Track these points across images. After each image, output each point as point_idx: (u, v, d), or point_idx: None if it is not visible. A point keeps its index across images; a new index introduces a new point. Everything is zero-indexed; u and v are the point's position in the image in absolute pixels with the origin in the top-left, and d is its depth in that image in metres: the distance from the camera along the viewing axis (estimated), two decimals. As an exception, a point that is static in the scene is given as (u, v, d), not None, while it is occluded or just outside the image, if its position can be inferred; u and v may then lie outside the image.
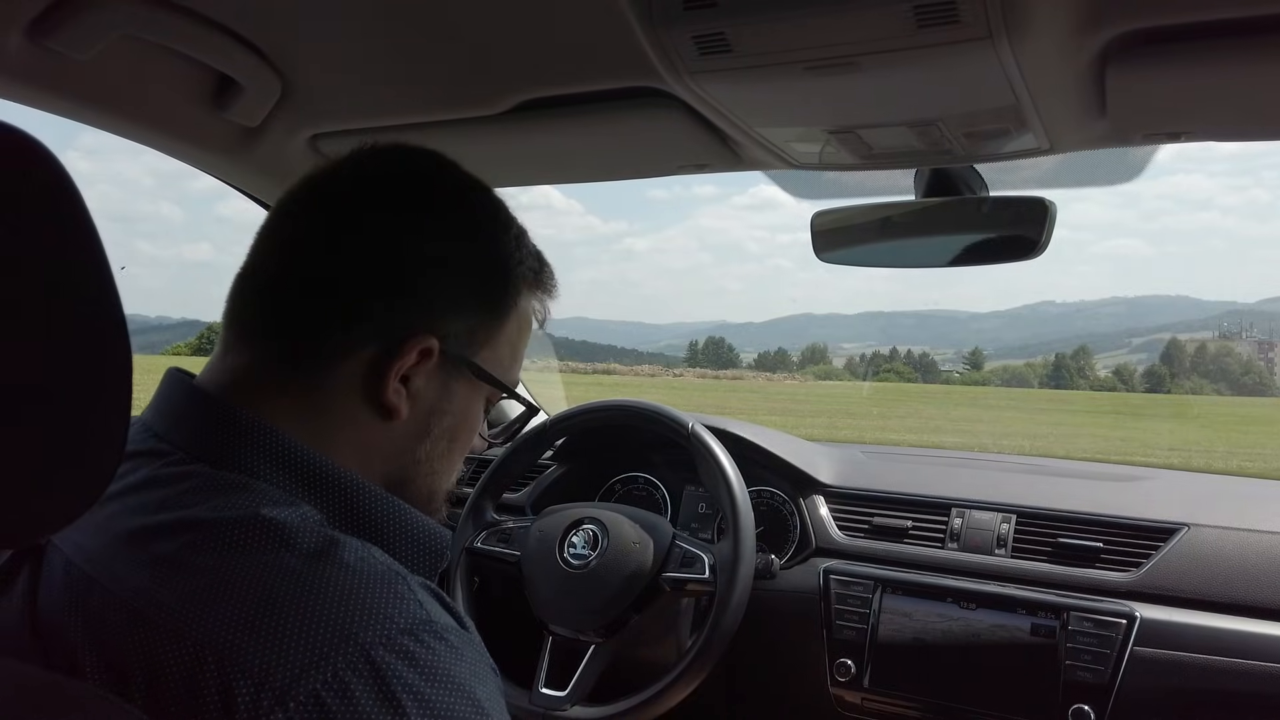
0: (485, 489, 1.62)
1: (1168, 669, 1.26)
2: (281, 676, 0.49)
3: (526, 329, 0.76)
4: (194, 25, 0.95)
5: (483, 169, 0.75)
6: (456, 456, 0.74)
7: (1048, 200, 1.16)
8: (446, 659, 0.54)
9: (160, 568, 0.55)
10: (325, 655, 0.50)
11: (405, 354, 0.65)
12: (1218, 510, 1.41)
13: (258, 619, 0.51)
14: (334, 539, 0.58)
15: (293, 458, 0.63)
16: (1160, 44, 0.85)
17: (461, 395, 0.71)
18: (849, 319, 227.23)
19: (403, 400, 0.66)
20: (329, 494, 0.63)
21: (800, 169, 1.22)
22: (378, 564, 0.57)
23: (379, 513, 0.66)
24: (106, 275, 0.48)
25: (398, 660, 0.51)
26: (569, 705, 1.40)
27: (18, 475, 0.45)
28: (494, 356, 0.72)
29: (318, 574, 0.54)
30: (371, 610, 0.53)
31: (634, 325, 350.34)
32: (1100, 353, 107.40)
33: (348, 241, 0.66)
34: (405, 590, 0.56)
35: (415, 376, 0.67)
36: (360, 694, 0.49)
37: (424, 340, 0.66)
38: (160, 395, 0.68)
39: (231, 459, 0.62)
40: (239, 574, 0.54)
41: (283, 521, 0.57)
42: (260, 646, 0.50)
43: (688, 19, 0.82)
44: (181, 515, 0.58)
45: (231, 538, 0.56)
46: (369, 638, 0.52)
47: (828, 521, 1.58)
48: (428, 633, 0.54)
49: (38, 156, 0.46)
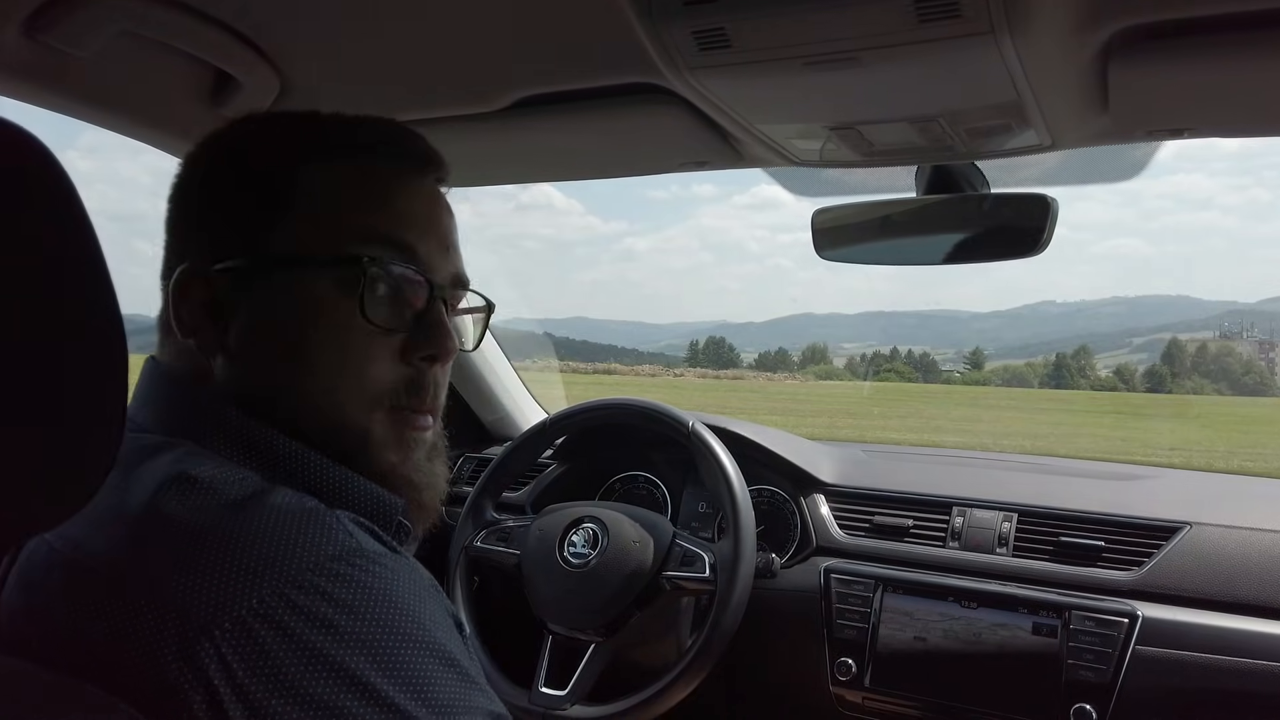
0: (485, 488, 1.62)
1: (1170, 668, 1.25)
2: (206, 607, 0.49)
3: (353, 194, 0.68)
4: (191, 22, 0.95)
5: (482, 166, 0.75)
6: (321, 359, 0.65)
7: (1049, 197, 1.16)
8: (379, 579, 0.54)
9: (98, 523, 0.56)
10: (252, 583, 0.50)
11: (176, 292, 0.67)
12: (1220, 509, 1.41)
13: (183, 554, 0.52)
14: (267, 486, 0.58)
15: (225, 425, 0.64)
16: (1162, 39, 0.85)
17: (278, 295, 0.66)
18: (850, 319, 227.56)
19: (204, 330, 0.66)
20: (260, 457, 0.63)
21: (801, 166, 1.21)
22: (308, 504, 0.57)
23: (320, 479, 0.64)
24: (103, 273, 0.47)
25: (329, 582, 0.52)
26: (569, 705, 1.40)
27: (11, 474, 0.45)
28: (292, 237, 0.66)
29: (246, 512, 0.55)
30: (299, 540, 0.53)
31: (634, 325, 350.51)
32: (1101, 352, 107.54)
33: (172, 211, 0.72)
34: (333, 521, 0.56)
35: (222, 304, 0.67)
36: (289, 618, 0.50)
37: (182, 269, 0.67)
38: (138, 384, 0.70)
39: (175, 426, 0.64)
40: (162, 517, 0.55)
41: (215, 474, 0.58)
42: (185, 579, 0.51)
43: (687, 14, 0.81)
44: (124, 475, 0.59)
45: (166, 487, 0.57)
46: (298, 563, 0.52)
47: (828, 520, 1.58)
48: (359, 556, 0.54)
49: (33, 152, 0.45)
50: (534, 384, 2.09)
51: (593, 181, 1.44)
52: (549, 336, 5.27)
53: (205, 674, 0.48)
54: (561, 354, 24.04)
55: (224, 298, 0.66)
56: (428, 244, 0.70)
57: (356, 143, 0.71)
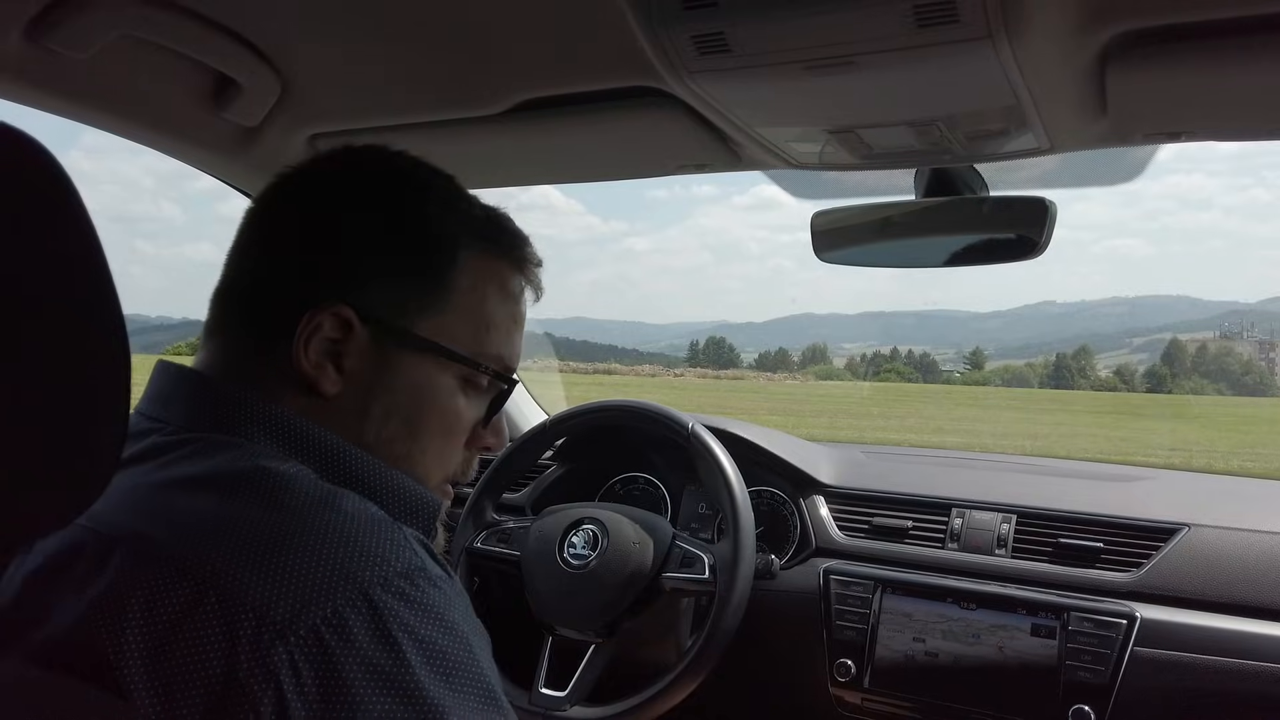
0: (485, 489, 1.62)
1: (1168, 669, 1.25)
2: (283, 611, 0.50)
3: (496, 298, 0.73)
4: (193, 25, 0.95)
5: (482, 169, 0.76)
6: (427, 442, 0.70)
7: (1048, 200, 1.16)
8: (441, 602, 0.55)
9: (161, 515, 0.57)
10: (325, 592, 0.51)
11: (312, 322, 0.65)
12: (1218, 510, 1.41)
13: (260, 556, 0.53)
14: (334, 490, 0.60)
15: (280, 424, 0.65)
16: (1160, 43, 0.85)
17: (408, 370, 0.68)
18: (850, 319, 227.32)
19: (325, 374, 0.66)
20: (319, 456, 0.65)
21: (800, 169, 1.22)
22: (376, 513, 0.59)
23: (368, 472, 0.66)
24: (104, 274, 0.48)
25: (395, 600, 0.53)
26: (569, 705, 1.40)
27: (14, 476, 0.45)
28: (444, 326, 0.69)
29: (318, 516, 0.56)
30: (370, 552, 0.55)
31: (634, 325, 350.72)
32: (1101, 353, 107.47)
33: (279, 229, 0.71)
34: (401, 538, 0.57)
35: (347, 353, 0.67)
36: (358, 630, 0.51)
37: (333, 308, 0.66)
38: (150, 384, 0.70)
39: (224, 427, 0.64)
40: (242, 515, 0.56)
41: (283, 471, 0.60)
42: (262, 582, 0.51)
43: (687, 19, 0.81)
44: (184, 470, 0.60)
45: (234, 485, 0.58)
46: (368, 577, 0.53)
47: (828, 522, 1.58)
48: (423, 578, 0.56)
49: (35, 155, 0.46)
50: (534, 385, 2.09)
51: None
52: (549, 337, 5.26)
53: (276, 677, 0.49)
54: (561, 354, 24.03)
55: (353, 349, 0.67)
56: (519, 354, 0.77)
57: (500, 239, 0.74)
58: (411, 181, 0.73)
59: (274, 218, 0.72)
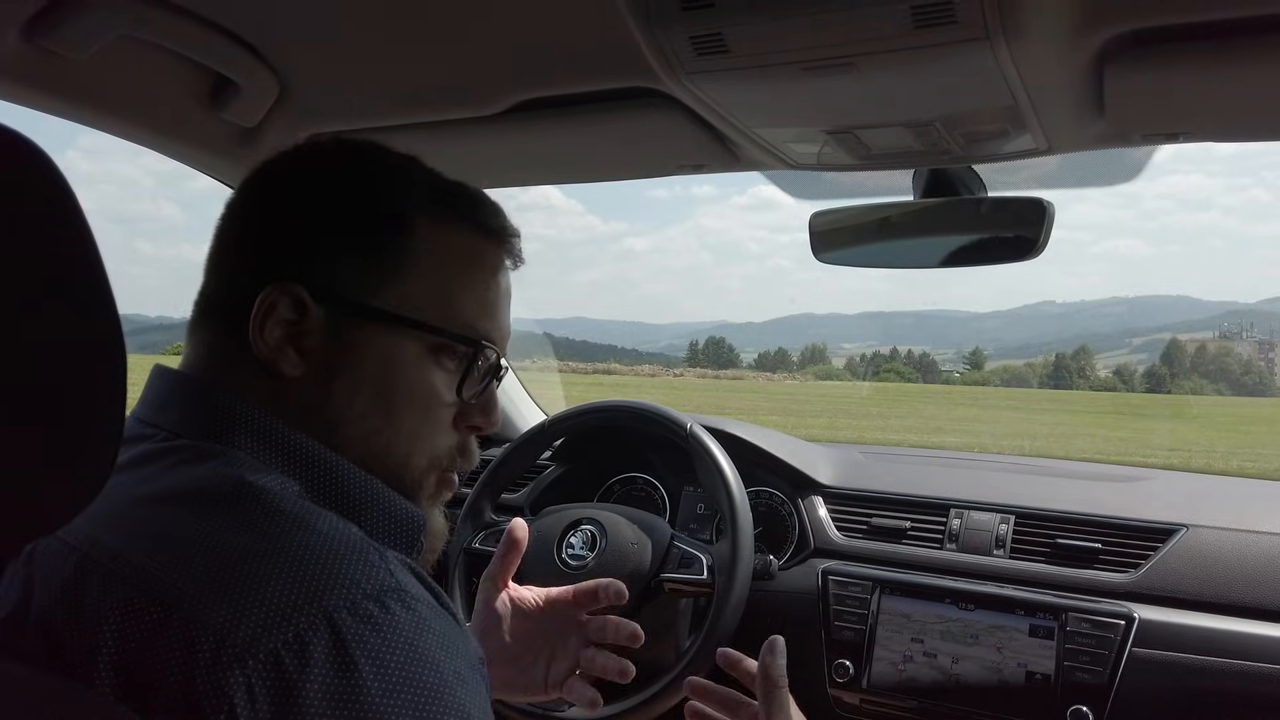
0: (483, 489, 1.62)
1: (1166, 670, 1.25)
2: (244, 634, 0.49)
3: (459, 262, 0.71)
4: (191, 25, 0.95)
5: (480, 169, 0.76)
6: (403, 419, 0.68)
7: (1046, 201, 1.16)
8: (410, 627, 0.53)
9: (140, 533, 0.56)
10: (289, 616, 0.50)
11: (264, 304, 0.65)
12: (1217, 511, 1.41)
13: (228, 579, 0.52)
14: (311, 509, 0.59)
15: (261, 430, 0.64)
16: (1158, 44, 0.85)
17: (369, 344, 0.67)
18: (849, 319, 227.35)
19: (285, 356, 0.65)
20: (300, 466, 0.64)
21: (798, 169, 1.22)
22: (352, 534, 0.58)
23: (353, 487, 0.65)
24: (101, 275, 0.47)
25: (359, 623, 0.51)
26: (566, 706, 1.40)
27: (11, 476, 0.45)
28: (406, 296, 0.67)
29: (291, 538, 0.55)
30: (339, 575, 0.53)
31: (634, 325, 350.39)
32: (1100, 353, 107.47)
33: (239, 221, 0.71)
34: (377, 560, 0.56)
35: (306, 332, 0.66)
36: (318, 654, 0.50)
37: (284, 288, 0.65)
38: (146, 389, 0.70)
39: (212, 434, 0.64)
40: (215, 537, 0.55)
41: (263, 487, 0.59)
42: (226, 605, 0.50)
43: (685, 20, 0.81)
44: (166, 484, 0.59)
45: (212, 504, 0.57)
46: (333, 600, 0.52)
47: (826, 522, 1.58)
48: (394, 599, 0.54)
49: (31, 156, 0.46)
50: (533, 385, 2.09)
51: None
52: (548, 337, 5.25)
53: (230, 700, 0.48)
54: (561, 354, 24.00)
55: (312, 327, 0.66)
56: (504, 328, 0.74)
57: (457, 202, 0.72)
58: (358, 156, 0.72)
59: (234, 211, 0.72)
